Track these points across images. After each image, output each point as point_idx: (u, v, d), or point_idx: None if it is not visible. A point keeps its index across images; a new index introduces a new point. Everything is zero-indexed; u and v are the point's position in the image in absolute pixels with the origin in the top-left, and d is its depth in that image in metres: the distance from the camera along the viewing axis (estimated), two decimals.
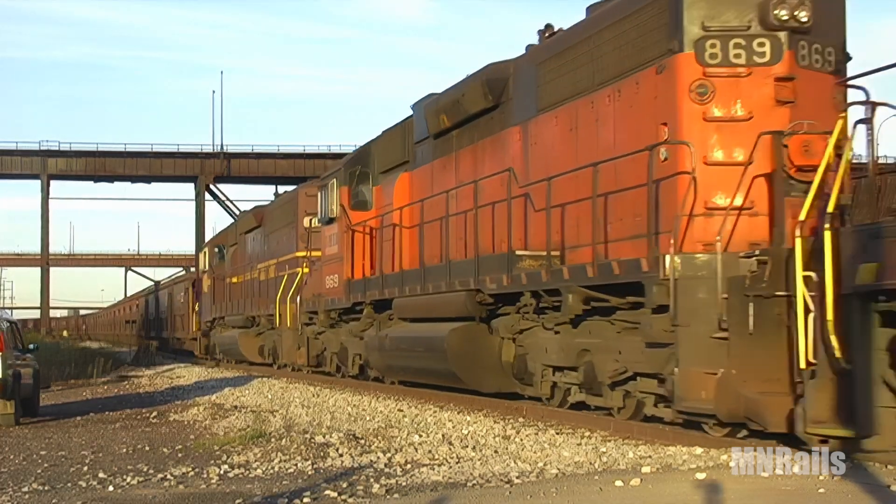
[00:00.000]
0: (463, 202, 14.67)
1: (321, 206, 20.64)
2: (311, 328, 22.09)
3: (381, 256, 17.79)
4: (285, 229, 25.95)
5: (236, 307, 31.01)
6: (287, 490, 7.97)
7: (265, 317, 26.80)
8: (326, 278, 20.47)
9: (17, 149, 69.30)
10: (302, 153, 68.96)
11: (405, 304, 16.27)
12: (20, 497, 8.23)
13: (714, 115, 9.95)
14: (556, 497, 7.08)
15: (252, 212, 31.76)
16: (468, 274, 14.12)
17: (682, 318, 9.36)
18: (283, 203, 27.58)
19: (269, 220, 28.40)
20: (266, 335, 27.46)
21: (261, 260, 28.53)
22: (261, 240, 29.29)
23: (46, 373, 22.30)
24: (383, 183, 18.48)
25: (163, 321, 50.98)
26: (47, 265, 74.73)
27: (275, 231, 27.36)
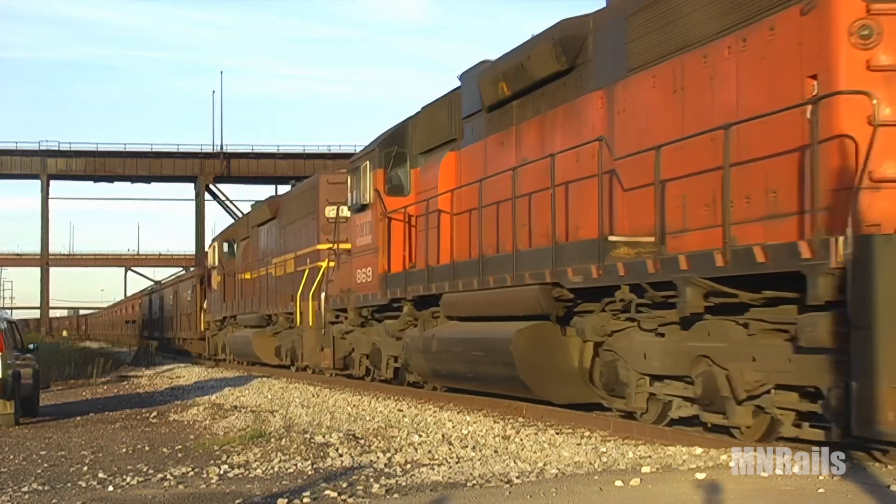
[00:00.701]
0: (526, 182, 12.64)
1: (352, 193, 18.48)
2: (337, 327, 19.86)
3: (424, 247, 15.74)
4: (304, 220, 24.15)
5: (249, 305, 29.02)
6: (287, 490, 7.97)
7: (283, 315, 24.87)
8: (358, 272, 18.43)
9: (16, 149, 69.32)
10: (302, 153, 68.98)
11: (457, 300, 14.29)
12: (20, 497, 8.23)
13: (881, 64, 8.04)
14: (556, 497, 7.08)
15: (266, 202, 29.65)
16: (542, 265, 11.97)
17: (863, 317, 7.31)
18: (302, 192, 25.34)
19: (286, 211, 26.37)
20: (283, 335, 25.64)
21: (276, 254, 26.67)
22: (276, 233, 27.28)
23: (46, 373, 22.31)
24: (424, 165, 16.68)
25: (166, 321, 48.83)
26: (47, 265, 74.71)
27: (292, 223, 25.47)
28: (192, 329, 40.12)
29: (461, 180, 14.92)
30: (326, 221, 21.56)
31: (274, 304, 26.07)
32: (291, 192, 27.72)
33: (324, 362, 20.97)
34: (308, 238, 23.56)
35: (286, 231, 26.11)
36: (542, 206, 12.16)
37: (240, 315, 29.94)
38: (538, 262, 12.14)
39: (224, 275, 32.74)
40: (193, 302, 39.28)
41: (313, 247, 22.79)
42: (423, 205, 15.94)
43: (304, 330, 22.46)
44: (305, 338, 22.51)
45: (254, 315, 27.90)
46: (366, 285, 17.97)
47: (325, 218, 21.86)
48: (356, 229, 18.69)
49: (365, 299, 17.95)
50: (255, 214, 30.51)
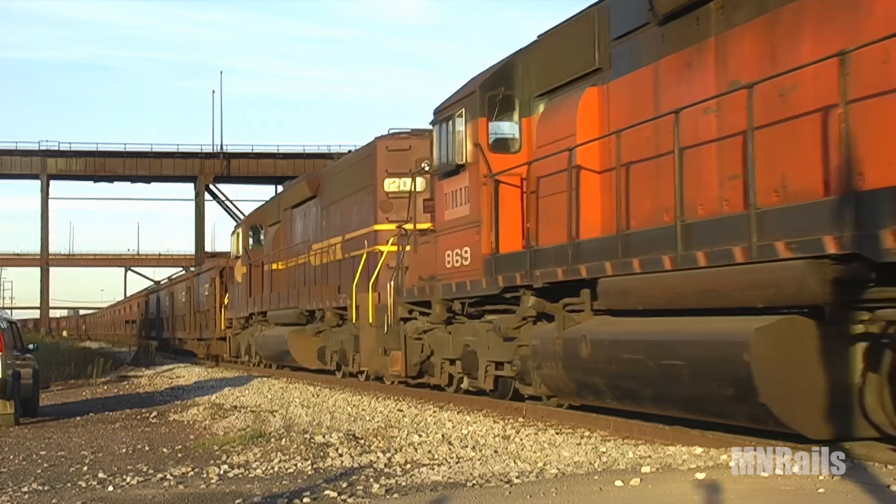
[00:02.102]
0: (733, 117, 9.11)
1: (439, 151, 14.51)
2: (411, 325, 16.09)
3: (555, 217, 11.78)
4: (356, 197, 20.49)
5: (284, 299, 24.80)
6: (287, 490, 7.97)
7: (331, 311, 21.00)
8: (446, 255, 14.50)
9: (16, 149, 69.45)
10: (302, 153, 69.08)
11: (631, 286, 10.34)
12: (20, 497, 8.23)
13: None
14: (556, 497, 7.08)
15: (304, 179, 25.41)
16: (812, 226, 7.97)
17: None
18: (353, 164, 21.27)
19: (330, 188, 22.49)
20: (328, 335, 21.81)
21: (318, 239, 22.84)
22: (317, 214, 23.39)
23: (46, 373, 22.31)
24: (546, 110, 12.85)
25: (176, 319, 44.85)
26: (47, 265, 74.79)
27: (339, 200, 21.65)
28: (209, 328, 36.15)
29: (611, 125, 11.20)
30: (386, 197, 18.71)
31: (318, 297, 21.99)
32: (337, 164, 23.63)
33: (391, 368, 16.96)
34: (361, 218, 20.01)
35: (330, 211, 22.33)
36: (776, 146, 8.68)
37: (271, 311, 25.96)
38: (807, 223, 8.03)
39: (250, 266, 28.80)
40: (211, 298, 35.32)
41: (369, 227, 19.41)
42: (548, 162, 11.91)
43: (361, 328, 18.74)
44: (363, 338, 18.64)
45: (290, 311, 23.88)
46: (460, 270, 14.11)
47: (383, 192, 18.83)
48: (443, 200, 14.65)
49: (460, 288, 13.97)
50: (289, 194, 26.47)
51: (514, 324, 12.92)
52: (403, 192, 17.80)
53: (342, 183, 21.60)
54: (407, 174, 17.59)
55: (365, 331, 18.57)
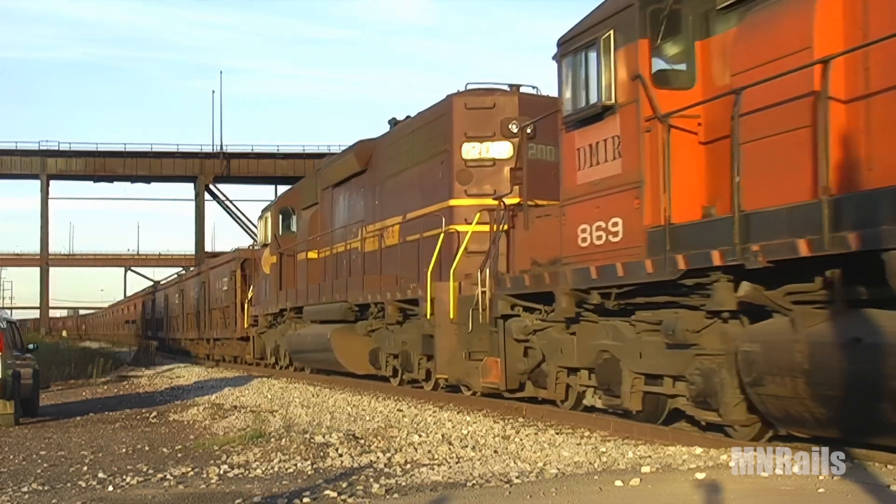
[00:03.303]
0: None
1: (571, 92, 11.17)
2: (516, 323, 12.79)
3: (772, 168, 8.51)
4: (423, 168, 17.01)
5: (325, 293, 21.06)
6: (287, 490, 7.97)
7: (392, 305, 17.24)
8: (581, 230, 11.00)
9: (16, 149, 69.44)
10: (302, 153, 69.02)
11: None
12: (20, 497, 8.23)
13: None
14: (556, 497, 7.08)
15: (352, 150, 20.66)
16: None
17: None
18: (419, 128, 17.46)
19: (386, 160, 18.83)
20: (383, 335, 18.18)
21: (371, 220, 19.30)
22: (368, 191, 19.76)
23: (46, 373, 22.31)
24: (745, 24, 9.23)
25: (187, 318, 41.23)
26: (47, 265, 74.77)
27: (398, 174, 18.16)
28: (228, 327, 32.55)
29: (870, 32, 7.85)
30: (464, 166, 15.62)
31: (374, 289, 18.26)
32: (395, 130, 19.04)
33: (483, 378, 13.63)
34: (430, 192, 16.52)
35: (386, 188, 18.78)
36: None
37: (308, 307, 22.09)
38: None
39: (280, 255, 25.17)
40: (231, 293, 31.80)
41: (442, 203, 15.99)
42: (759, 91, 8.51)
43: (438, 325, 15.02)
44: (440, 338, 14.95)
45: (334, 306, 20.07)
46: (603, 250, 10.60)
47: (461, 160, 15.66)
48: (575, 158, 11.19)
49: (605, 274, 10.44)
50: (330, 171, 22.31)
51: (699, 324, 9.50)
52: (486, 160, 15.33)
53: (403, 152, 17.95)
54: (491, 137, 15.29)
55: (443, 329, 14.85)
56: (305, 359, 23.14)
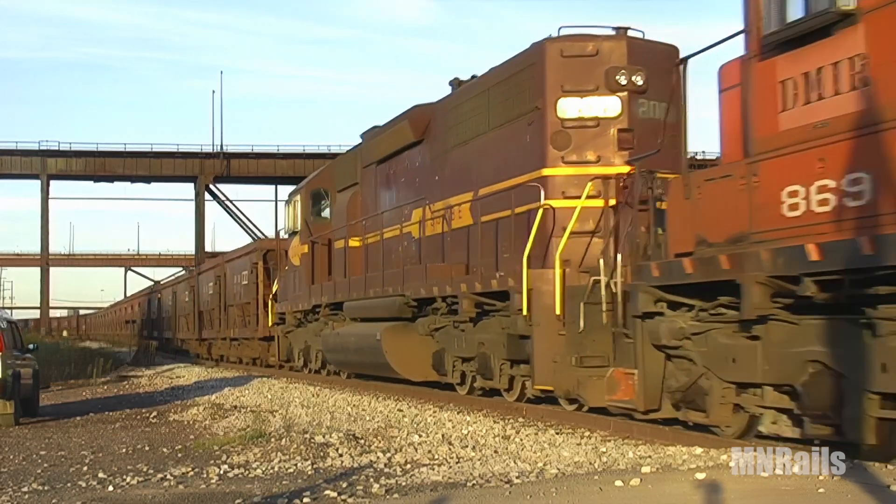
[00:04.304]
0: None
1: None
2: (665, 325, 9.74)
3: None
4: (502, 132, 13.95)
5: (373, 285, 18.03)
6: (287, 490, 7.97)
7: (468, 298, 14.02)
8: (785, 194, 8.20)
9: (16, 149, 69.46)
10: (302, 153, 69.06)
11: None
12: (20, 497, 8.23)
13: None
14: (556, 497, 7.08)
15: (406, 117, 17.31)
16: None
17: None
18: (496, 84, 14.26)
19: (451, 126, 15.63)
20: (450, 334, 15.26)
21: (431, 198, 16.08)
22: (424, 165, 16.78)
23: (46, 373, 22.30)
24: None
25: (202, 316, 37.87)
26: (47, 265, 74.80)
27: (467, 142, 15.02)
28: (248, 326, 29.63)
29: None
30: (560, 127, 12.69)
31: (442, 279, 15.06)
32: (463, 90, 15.70)
33: (610, 393, 10.67)
34: (513, 162, 13.58)
35: (451, 159, 15.70)
36: None
37: (350, 302, 19.10)
38: None
39: (312, 244, 22.02)
40: (252, 288, 29.00)
41: (533, 172, 12.94)
42: None
43: (536, 324, 12.24)
44: (540, 339, 12.14)
45: (385, 301, 17.13)
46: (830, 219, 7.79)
47: (556, 120, 12.72)
48: (776, 93, 8.36)
49: (836, 253, 7.59)
50: (374, 145, 19.05)
51: None
52: (588, 119, 12.56)
53: (474, 116, 14.87)
54: (593, 91, 12.52)
55: (544, 329, 12.06)
56: (345, 362, 20.03)
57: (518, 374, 13.46)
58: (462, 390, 15.18)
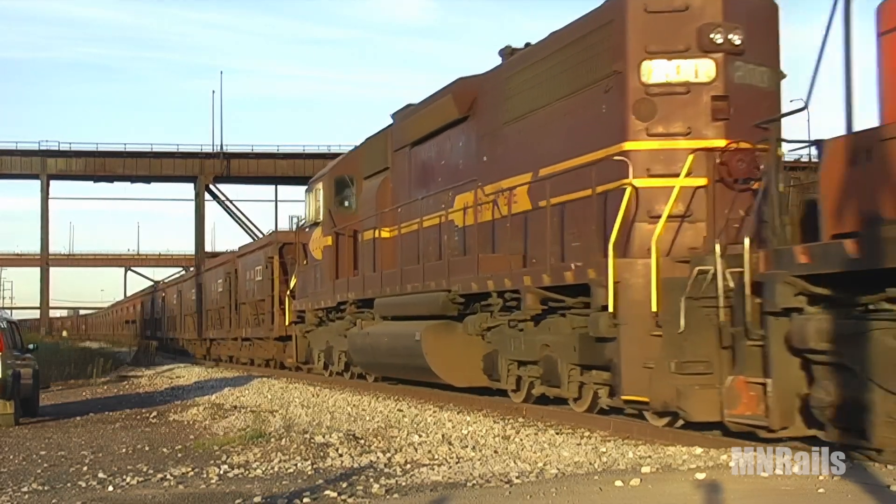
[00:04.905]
0: None
1: None
2: (813, 324, 8.21)
3: None
4: (570, 103, 12.17)
5: (410, 279, 16.10)
6: (287, 490, 7.97)
7: (533, 293, 12.19)
8: None
9: (16, 149, 69.40)
10: (302, 153, 69.03)
11: None
12: (20, 497, 8.23)
13: None
14: (556, 497, 7.08)
15: (448, 92, 15.51)
16: None
17: None
18: (563, 48, 12.43)
19: (504, 99, 13.89)
20: (507, 334, 13.37)
21: (480, 181, 14.16)
22: (468, 145, 15.05)
23: (46, 373, 22.30)
24: None
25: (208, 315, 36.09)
26: (47, 265, 74.74)
27: (525, 116, 13.22)
28: (262, 325, 27.97)
29: None
30: (645, 94, 10.94)
31: (498, 271, 13.33)
32: (522, 56, 13.84)
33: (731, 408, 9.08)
34: (584, 136, 11.76)
35: (503, 137, 13.89)
36: None
37: (382, 299, 17.35)
38: None
39: (336, 235, 20.19)
40: (266, 284, 27.18)
41: (612, 147, 11.14)
42: None
43: (624, 323, 10.44)
44: (629, 341, 10.37)
45: (426, 296, 15.32)
46: None
47: (640, 86, 10.96)
48: None
49: None
50: (411, 123, 17.17)
51: None
52: (677, 84, 10.81)
53: (534, 86, 13.08)
54: (683, 52, 10.80)
55: (633, 328, 10.34)
56: (375, 365, 18.27)
57: (589, 381, 11.74)
58: (517, 398, 13.54)
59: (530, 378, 13.10)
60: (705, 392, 9.41)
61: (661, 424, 10.40)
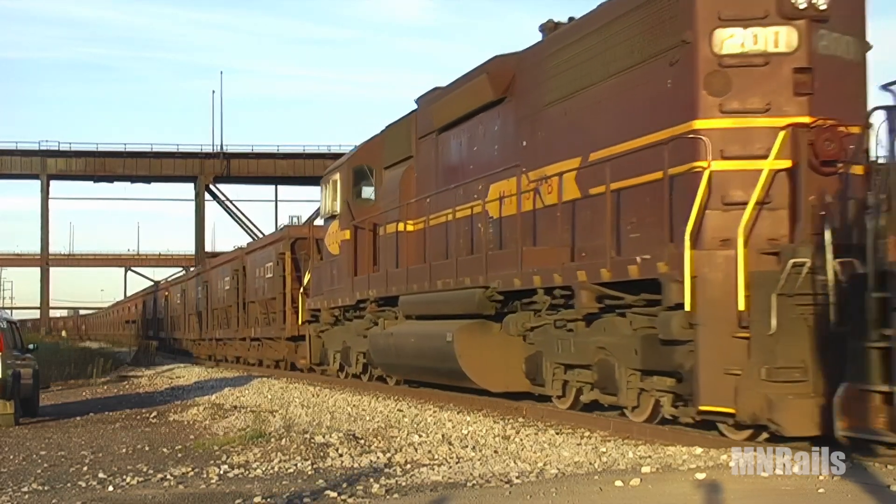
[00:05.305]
0: None
1: None
2: None
3: None
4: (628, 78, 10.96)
5: (441, 275, 14.84)
6: (287, 490, 7.97)
7: (589, 290, 10.95)
8: None
9: (16, 149, 69.43)
10: (302, 153, 69.07)
11: None
12: (20, 497, 8.23)
13: None
14: (556, 497, 7.08)
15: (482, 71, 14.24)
16: None
17: None
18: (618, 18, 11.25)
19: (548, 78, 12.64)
20: (553, 334, 12.22)
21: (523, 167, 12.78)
22: (509, 128, 13.74)
23: (46, 373, 22.30)
24: None
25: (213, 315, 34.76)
26: (47, 265, 74.76)
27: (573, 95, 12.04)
28: (272, 324, 26.73)
29: None
30: (718, 66, 9.72)
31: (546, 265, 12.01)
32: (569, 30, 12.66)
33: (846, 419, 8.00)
34: (645, 114, 10.58)
35: (548, 119, 12.68)
36: None
37: (407, 296, 16.20)
38: None
39: (355, 229, 19.01)
40: (278, 281, 25.89)
41: (680, 125, 9.89)
42: None
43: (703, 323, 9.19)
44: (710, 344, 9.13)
45: (460, 294, 14.06)
46: None
47: (712, 57, 9.77)
48: None
49: None
50: (441, 108, 15.91)
51: None
52: (754, 55, 9.65)
53: (584, 61, 11.85)
54: (761, 19, 9.65)
55: (714, 329, 9.09)
56: (399, 367, 17.14)
57: (650, 387, 10.53)
58: (562, 404, 12.40)
59: (578, 383, 11.96)
60: (801, 402, 8.42)
61: (741, 438, 9.22)
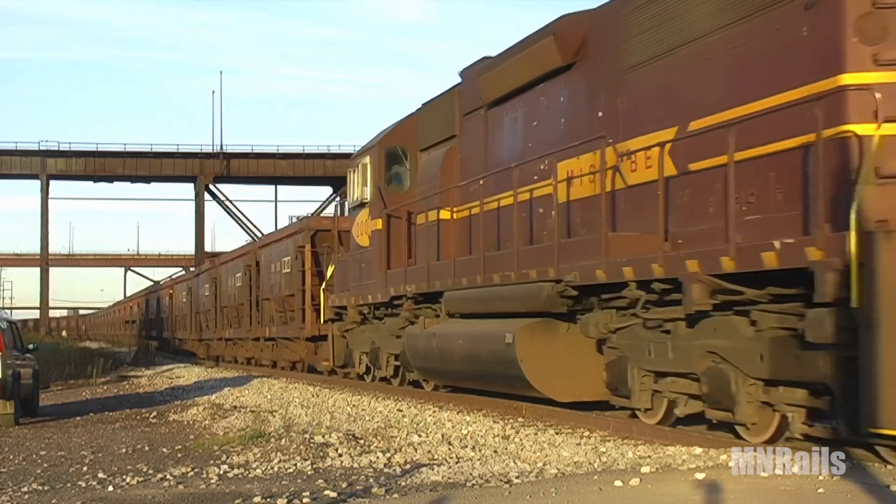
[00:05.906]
0: None
1: None
2: None
3: None
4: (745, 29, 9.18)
5: (497, 266, 13.01)
6: (286, 490, 7.97)
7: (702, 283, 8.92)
8: None
9: (16, 149, 69.50)
10: (301, 153, 69.14)
11: None
12: (20, 497, 8.23)
13: None
14: (556, 497, 7.08)
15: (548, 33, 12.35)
16: None
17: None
18: None
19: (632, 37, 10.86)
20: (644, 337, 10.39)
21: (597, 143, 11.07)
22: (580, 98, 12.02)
23: (46, 373, 22.31)
24: None
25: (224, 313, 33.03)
26: (47, 265, 74.81)
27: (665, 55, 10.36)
28: (290, 322, 24.83)
29: None
30: (872, 8, 8.01)
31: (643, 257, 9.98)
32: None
33: None
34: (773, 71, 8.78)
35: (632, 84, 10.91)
36: None
37: (453, 291, 14.28)
38: None
39: (389, 218, 17.04)
40: (296, 277, 24.04)
41: (823, 80, 8.11)
42: None
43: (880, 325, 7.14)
44: (890, 351, 7.07)
45: (522, 288, 12.20)
46: None
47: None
48: None
49: None
50: (489, 80, 14.09)
51: None
52: None
53: (682, 12, 10.02)
54: None
55: (891, 331, 7.13)
56: (444, 372, 15.13)
57: (777, 401, 8.76)
58: (650, 419, 10.59)
59: (674, 394, 10.21)
60: None
61: None
